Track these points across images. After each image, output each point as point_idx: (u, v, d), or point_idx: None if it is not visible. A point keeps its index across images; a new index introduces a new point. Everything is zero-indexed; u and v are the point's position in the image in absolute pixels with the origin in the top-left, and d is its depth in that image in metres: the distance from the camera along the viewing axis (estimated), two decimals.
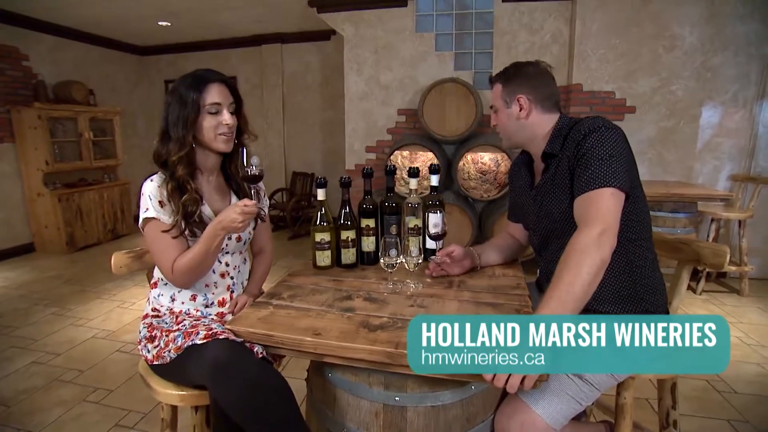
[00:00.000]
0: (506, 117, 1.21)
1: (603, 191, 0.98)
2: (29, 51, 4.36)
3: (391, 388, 0.97)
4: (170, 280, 1.15)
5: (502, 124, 1.23)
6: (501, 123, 1.23)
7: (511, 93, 1.19)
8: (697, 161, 3.50)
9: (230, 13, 4.30)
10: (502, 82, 1.21)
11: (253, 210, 1.08)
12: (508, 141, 1.26)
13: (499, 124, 1.24)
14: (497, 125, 1.26)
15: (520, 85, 1.18)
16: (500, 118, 1.23)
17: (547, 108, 1.18)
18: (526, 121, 1.18)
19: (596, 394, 1.07)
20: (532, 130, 1.19)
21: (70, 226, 4.41)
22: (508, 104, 1.20)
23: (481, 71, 3.78)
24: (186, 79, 1.14)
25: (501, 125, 1.24)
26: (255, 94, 5.52)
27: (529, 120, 1.18)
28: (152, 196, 1.11)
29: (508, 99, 1.19)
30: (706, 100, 3.40)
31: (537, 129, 1.18)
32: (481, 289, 1.21)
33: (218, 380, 0.91)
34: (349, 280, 1.29)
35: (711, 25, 3.28)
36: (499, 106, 1.22)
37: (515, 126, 1.20)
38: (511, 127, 1.21)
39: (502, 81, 1.21)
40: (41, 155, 4.21)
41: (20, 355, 2.43)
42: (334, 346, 0.91)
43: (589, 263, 0.90)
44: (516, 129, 1.21)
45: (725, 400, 1.96)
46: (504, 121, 1.22)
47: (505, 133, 1.24)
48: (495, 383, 0.81)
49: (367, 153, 4.13)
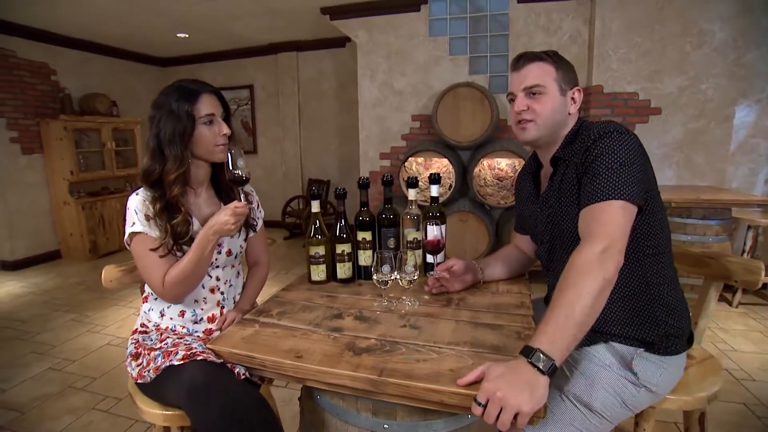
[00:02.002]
0: (557, 104, 1.04)
1: (612, 204, 0.88)
2: (57, 66, 4.56)
3: (380, 415, 0.91)
4: (160, 295, 1.11)
5: (548, 111, 1.03)
6: (546, 109, 1.03)
7: (568, 81, 1.05)
8: (730, 164, 3.28)
9: (245, 22, 4.36)
10: (556, 65, 1.04)
11: (244, 211, 1.04)
12: (539, 133, 1.05)
13: (541, 110, 1.03)
14: (534, 111, 1.04)
15: (573, 76, 1.06)
16: (546, 103, 1.03)
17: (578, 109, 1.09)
18: (570, 117, 1.06)
19: (608, 426, 0.96)
20: (564, 128, 1.06)
21: (93, 234, 4.54)
22: (563, 91, 1.04)
23: (497, 75, 3.68)
24: (173, 92, 1.10)
25: (546, 112, 1.03)
26: (271, 102, 5.58)
27: (570, 118, 1.06)
28: (138, 210, 1.08)
29: (564, 86, 1.04)
30: (739, 99, 3.19)
31: (564, 129, 1.07)
32: (482, 307, 1.12)
33: (195, 403, 0.87)
34: (343, 297, 1.23)
35: (744, 19, 3.08)
36: (551, 90, 1.03)
37: (561, 118, 1.05)
38: (556, 117, 1.04)
39: (554, 63, 1.04)
40: (67, 165, 4.37)
41: (38, 360, 2.49)
42: (314, 371, 0.85)
43: (590, 283, 0.81)
44: (560, 122, 1.05)
45: (765, 426, 1.79)
46: (551, 107, 1.03)
47: (546, 122, 1.04)
48: (485, 419, 0.73)
49: (381, 160, 4.09)
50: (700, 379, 1.11)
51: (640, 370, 0.96)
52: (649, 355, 0.98)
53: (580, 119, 1.09)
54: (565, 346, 0.76)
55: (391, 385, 0.80)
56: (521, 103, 1.05)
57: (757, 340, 2.54)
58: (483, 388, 0.73)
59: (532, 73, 1.04)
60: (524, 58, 1.06)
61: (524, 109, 1.04)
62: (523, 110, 1.05)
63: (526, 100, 1.05)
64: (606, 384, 0.96)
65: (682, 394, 1.05)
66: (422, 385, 0.78)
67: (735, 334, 2.61)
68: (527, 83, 1.04)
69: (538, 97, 1.04)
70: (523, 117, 1.05)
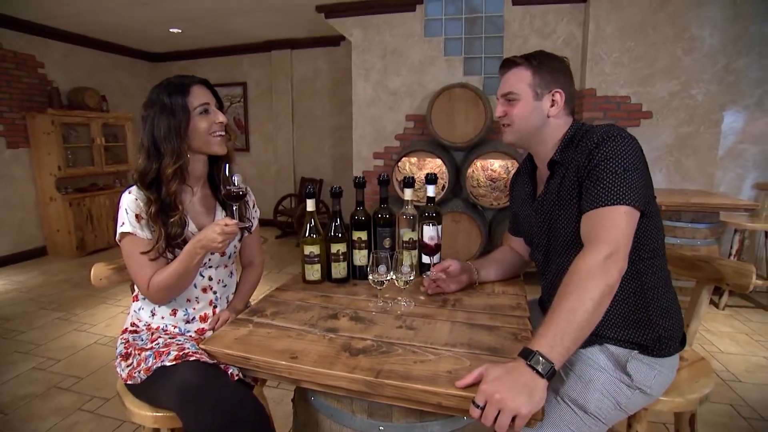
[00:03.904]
0: (530, 109, 1.05)
1: (616, 209, 0.88)
2: (44, 58, 4.46)
3: (375, 417, 0.90)
4: (146, 296, 1.10)
5: (521, 116, 1.05)
6: (520, 114, 1.05)
7: (545, 84, 1.04)
8: (718, 168, 3.34)
9: (240, 19, 4.32)
10: (533, 69, 1.05)
11: (234, 230, 1.02)
12: (516, 137, 1.09)
13: (516, 115, 1.06)
14: (511, 116, 1.07)
15: (555, 77, 1.05)
16: (520, 109, 1.05)
17: (568, 111, 1.08)
18: (550, 119, 1.06)
19: (602, 428, 0.97)
20: (550, 131, 1.07)
21: (80, 231, 4.46)
22: (538, 96, 1.04)
23: (491, 76, 3.69)
24: (163, 88, 1.09)
25: (519, 117, 1.05)
26: (264, 99, 5.54)
27: (553, 120, 1.06)
28: (129, 210, 1.06)
29: (539, 90, 1.04)
30: (728, 105, 3.24)
31: (553, 131, 1.07)
32: (478, 308, 1.12)
33: (186, 406, 0.85)
34: (338, 297, 1.22)
35: (734, 26, 3.13)
36: (524, 95, 1.05)
37: (537, 122, 1.06)
38: (532, 121, 1.05)
39: (532, 67, 1.05)
40: (54, 160, 4.28)
41: (22, 360, 2.43)
42: (310, 372, 0.84)
43: (593, 289, 0.81)
44: (537, 126, 1.06)
45: (752, 428, 1.82)
46: (525, 113, 1.05)
47: (520, 127, 1.07)
48: (483, 421, 0.72)
49: (374, 159, 4.08)
50: (691, 380, 1.12)
51: (634, 372, 0.97)
52: (643, 357, 0.98)
53: (577, 122, 1.09)
54: (565, 350, 0.76)
55: (388, 387, 0.79)
56: (499, 109, 1.12)
57: (743, 342, 2.58)
58: (481, 390, 0.72)
59: (509, 80, 1.08)
60: (504, 65, 1.11)
61: (501, 115, 1.11)
62: (500, 116, 1.11)
63: (503, 107, 1.10)
64: (601, 386, 0.96)
65: (674, 395, 1.06)
66: (420, 387, 0.77)
67: (722, 336, 2.65)
68: (504, 89, 1.10)
69: (513, 103, 1.07)
70: (502, 122, 1.12)
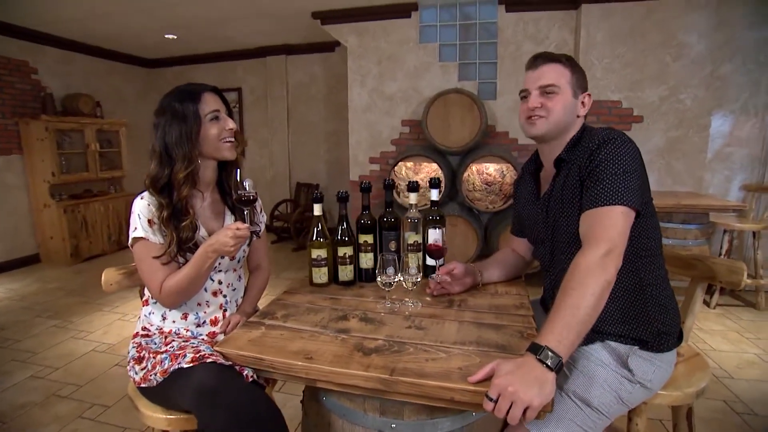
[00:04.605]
0: (569, 105, 1.08)
1: (614, 209, 0.94)
2: (38, 64, 4.43)
3: (387, 415, 0.93)
4: (158, 300, 1.11)
5: (559, 110, 1.08)
6: (558, 108, 1.07)
7: (580, 85, 1.09)
8: (707, 171, 3.43)
9: (235, 25, 4.34)
10: (571, 69, 1.09)
11: (245, 234, 1.05)
12: (548, 128, 1.09)
13: (553, 108, 1.08)
14: (547, 108, 1.08)
15: (585, 82, 1.11)
16: (559, 102, 1.07)
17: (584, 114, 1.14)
18: (578, 119, 1.11)
19: (605, 422, 1.00)
20: (571, 130, 1.11)
21: (75, 238, 4.42)
22: (575, 94, 1.09)
23: (485, 81, 3.76)
24: (174, 96, 1.12)
25: (557, 110, 1.08)
26: (260, 105, 5.55)
27: (579, 120, 1.11)
28: (141, 215, 1.08)
29: (577, 89, 1.09)
30: (715, 109, 3.34)
31: (572, 131, 1.11)
32: (483, 308, 1.16)
33: (204, 407, 0.87)
34: (346, 299, 1.24)
35: (719, 33, 3.23)
36: (565, 90, 1.08)
37: (570, 119, 1.09)
38: (567, 117, 1.09)
39: (571, 66, 1.09)
40: (48, 167, 4.24)
41: (20, 368, 2.41)
42: (327, 371, 0.87)
43: (594, 285, 0.85)
44: (569, 122, 1.10)
45: (745, 423, 1.87)
46: (563, 107, 1.08)
47: (557, 119, 1.08)
48: (496, 413, 0.75)
49: (371, 164, 4.11)
50: (688, 375, 1.17)
51: (635, 367, 1.01)
52: (643, 352, 1.02)
53: (584, 124, 1.14)
54: (570, 343, 0.80)
55: (403, 384, 0.82)
56: (535, 100, 1.09)
57: (734, 339, 2.65)
58: (494, 384, 0.75)
59: (548, 73, 1.08)
60: (541, 58, 1.11)
61: (537, 106, 1.09)
62: (536, 107, 1.09)
63: (540, 98, 1.09)
64: (603, 381, 1.00)
65: (672, 389, 1.10)
66: (434, 383, 0.80)
67: (714, 334, 2.72)
68: (543, 82, 1.08)
69: (552, 96, 1.08)
70: (535, 113, 1.09)
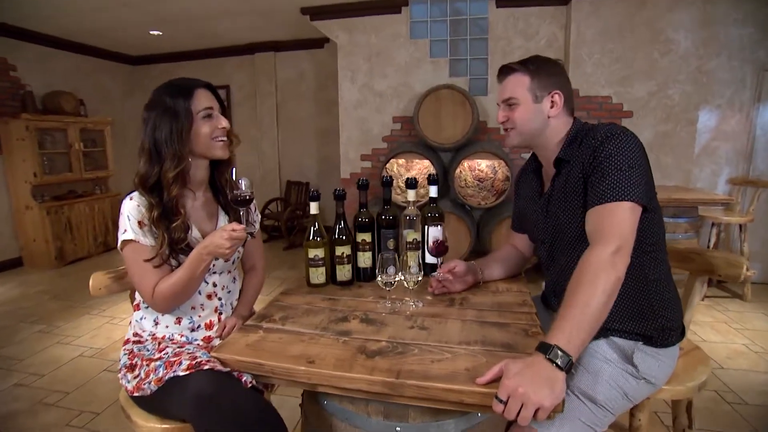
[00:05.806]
0: (531, 112, 1.10)
1: (621, 205, 0.92)
2: (17, 61, 4.28)
3: (391, 418, 0.90)
4: (150, 305, 1.07)
5: (523, 120, 1.10)
6: (521, 118, 1.10)
7: (544, 87, 1.09)
8: (695, 165, 3.48)
9: (222, 21, 4.25)
10: (531, 74, 1.10)
11: (241, 235, 1.01)
12: (519, 139, 1.13)
13: (517, 119, 1.11)
14: (512, 120, 1.12)
15: (552, 80, 1.10)
16: (521, 113, 1.10)
17: (568, 111, 1.12)
18: (551, 120, 1.10)
19: (610, 418, 1.00)
20: (552, 131, 1.11)
21: (59, 240, 4.29)
22: (537, 98, 1.09)
23: (476, 77, 3.75)
24: (166, 90, 1.06)
25: (521, 121, 1.11)
26: (248, 103, 5.46)
27: (554, 120, 1.11)
28: (131, 216, 1.03)
29: (539, 93, 1.09)
30: (702, 104, 3.39)
31: (555, 131, 1.11)
32: (486, 307, 1.14)
33: (202, 416, 0.84)
34: (345, 299, 1.22)
35: (705, 30, 3.27)
36: (523, 99, 1.10)
37: (539, 124, 1.10)
38: (534, 123, 1.10)
39: (530, 72, 1.10)
40: (29, 167, 4.10)
41: (3, 376, 2.33)
42: (330, 376, 0.84)
43: (604, 282, 0.84)
44: (539, 127, 1.11)
45: (736, 412, 1.90)
46: (525, 116, 1.10)
47: (522, 130, 1.11)
48: (505, 415, 0.74)
49: (362, 161, 4.08)
50: (690, 369, 1.17)
51: (640, 362, 1.00)
52: (647, 348, 1.02)
53: (578, 121, 1.13)
54: (581, 342, 0.79)
55: (409, 387, 0.79)
56: (501, 114, 1.16)
57: (723, 330, 2.69)
58: (504, 385, 0.74)
59: (508, 86, 1.13)
60: (502, 72, 1.16)
61: (503, 120, 1.15)
62: (502, 121, 1.16)
63: (505, 111, 1.15)
64: (609, 378, 0.99)
65: (674, 384, 1.10)
66: (441, 386, 0.78)
67: (703, 325, 2.76)
68: (504, 95, 1.14)
69: (514, 108, 1.12)
70: (505, 126, 1.16)
